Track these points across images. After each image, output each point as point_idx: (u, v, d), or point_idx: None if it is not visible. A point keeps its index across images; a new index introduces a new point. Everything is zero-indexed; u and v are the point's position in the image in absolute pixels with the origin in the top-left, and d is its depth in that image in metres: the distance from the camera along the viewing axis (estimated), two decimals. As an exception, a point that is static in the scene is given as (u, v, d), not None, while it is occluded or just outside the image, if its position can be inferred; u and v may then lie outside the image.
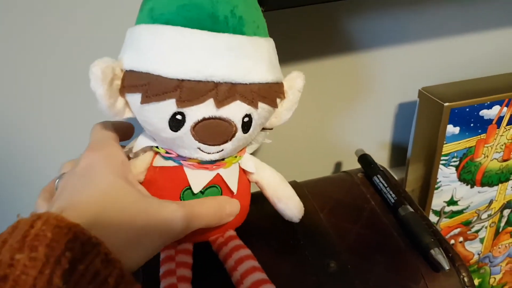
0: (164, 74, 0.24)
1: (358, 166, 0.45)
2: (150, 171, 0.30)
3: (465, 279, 0.34)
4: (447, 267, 0.32)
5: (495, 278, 0.62)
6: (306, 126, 0.51)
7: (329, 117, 0.51)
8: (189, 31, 0.25)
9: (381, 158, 0.56)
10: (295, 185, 0.35)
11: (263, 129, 0.31)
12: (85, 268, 0.21)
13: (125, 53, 0.26)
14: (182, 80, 0.24)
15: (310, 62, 0.47)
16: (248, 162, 0.32)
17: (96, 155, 0.26)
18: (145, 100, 0.25)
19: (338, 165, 0.55)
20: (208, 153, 0.28)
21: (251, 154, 0.32)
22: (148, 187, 0.30)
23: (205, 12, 0.25)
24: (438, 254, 0.33)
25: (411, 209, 0.37)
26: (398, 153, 0.56)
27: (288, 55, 0.36)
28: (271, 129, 0.31)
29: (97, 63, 0.25)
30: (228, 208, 0.30)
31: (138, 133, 0.31)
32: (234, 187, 0.30)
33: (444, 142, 0.46)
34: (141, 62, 0.25)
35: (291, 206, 0.33)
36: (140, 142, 0.30)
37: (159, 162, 0.30)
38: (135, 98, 0.26)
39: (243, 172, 0.32)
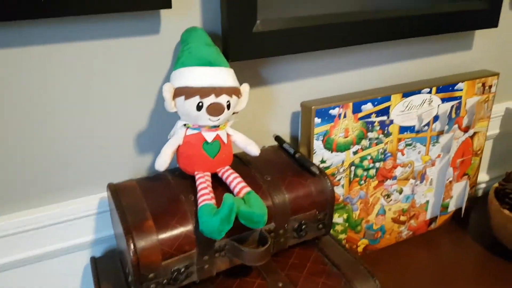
0: (193, 85, 0.60)
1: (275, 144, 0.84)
2: (185, 138, 0.64)
3: (328, 180, 0.74)
4: (317, 172, 0.72)
5: (356, 214, 1.02)
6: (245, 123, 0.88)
7: (259, 119, 0.90)
8: (201, 68, 0.61)
9: (284, 144, 0.95)
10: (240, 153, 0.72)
11: (234, 113, 0.67)
12: None
13: (174, 81, 0.62)
14: (201, 87, 0.60)
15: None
16: (229, 129, 0.67)
17: None
18: (187, 97, 0.60)
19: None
20: (213, 121, 0.63)
21: (230, 126, 0.69)
22: (185, 146, 0.64)
23: (207, 60, 0.62)
24: (315, 169, 0.72)
25: (302, 154, 0.77)
26: (294, 139, 0.95)
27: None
28: (237, 112, 0.68)
29: (166, 84, 0.60)
30: None
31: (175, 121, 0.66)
32: (225, 140, 0.66)
33: (314, 127, 0.88)
34: (182, 82, 0.61)
35: (253, 147, 0.69)
36: (179, 123, 0.65)
37: (189, 132, 0.64)
38: (181, 99, 0.61)
39: (227, 135, 0.68)
